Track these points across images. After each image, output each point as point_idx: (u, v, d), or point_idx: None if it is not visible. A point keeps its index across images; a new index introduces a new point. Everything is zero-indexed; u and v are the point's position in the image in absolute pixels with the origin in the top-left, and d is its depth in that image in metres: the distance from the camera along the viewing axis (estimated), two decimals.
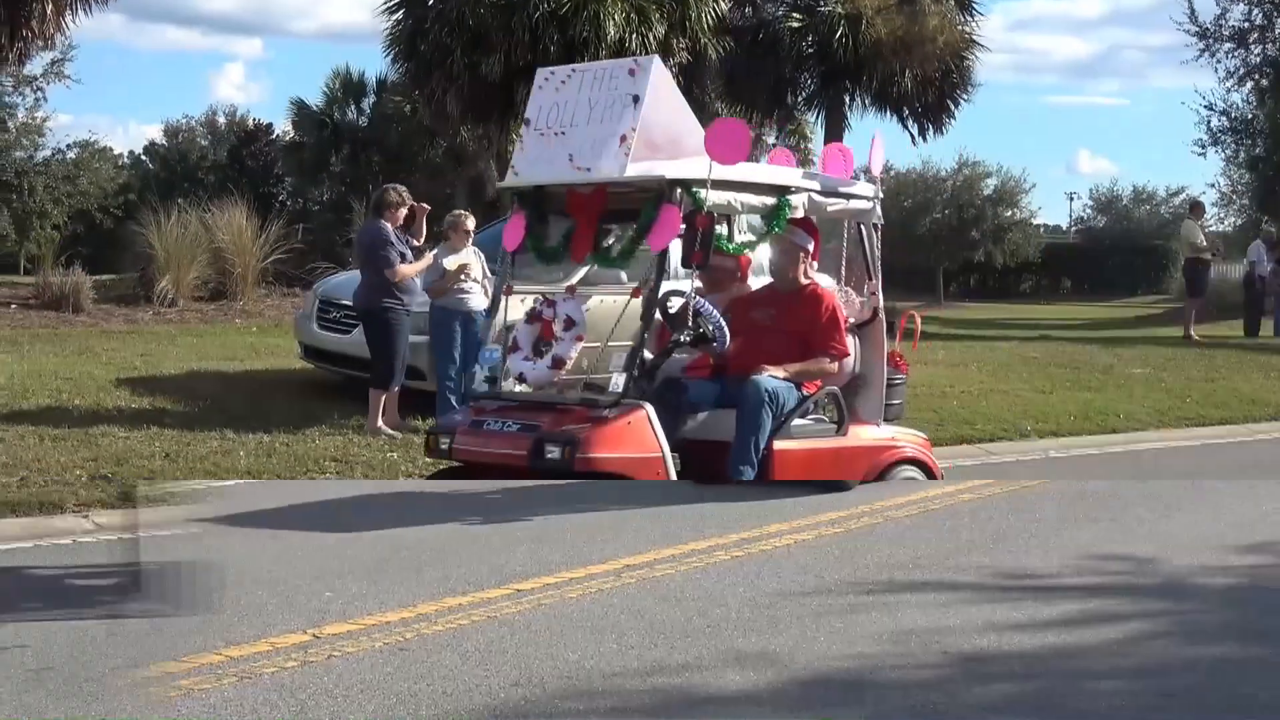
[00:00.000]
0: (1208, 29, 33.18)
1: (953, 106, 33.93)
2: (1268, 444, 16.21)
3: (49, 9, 23.42)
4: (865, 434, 9.49)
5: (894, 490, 10.95)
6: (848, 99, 33.65)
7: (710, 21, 27.84)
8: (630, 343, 8.69)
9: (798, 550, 9.36)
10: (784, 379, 8.97)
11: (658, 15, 26.64)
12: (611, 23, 25.67)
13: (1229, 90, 37.36)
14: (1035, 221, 77.38)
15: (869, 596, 8.10)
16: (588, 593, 8.22)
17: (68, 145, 55.40)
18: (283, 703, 6.25)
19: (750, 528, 9.99)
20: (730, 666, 6.74)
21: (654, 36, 26.44)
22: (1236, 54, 33.39)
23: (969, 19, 34.20)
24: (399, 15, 27.54)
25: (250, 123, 70.44)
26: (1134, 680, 6.57)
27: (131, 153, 75.53)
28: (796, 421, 9.09)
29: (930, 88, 32.88)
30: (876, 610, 7.76)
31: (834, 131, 33.70)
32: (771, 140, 43.96)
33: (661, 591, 8.23)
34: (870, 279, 9.69)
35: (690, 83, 28.37)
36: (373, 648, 7.10)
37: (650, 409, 8.39)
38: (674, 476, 8.43)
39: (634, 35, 26.02)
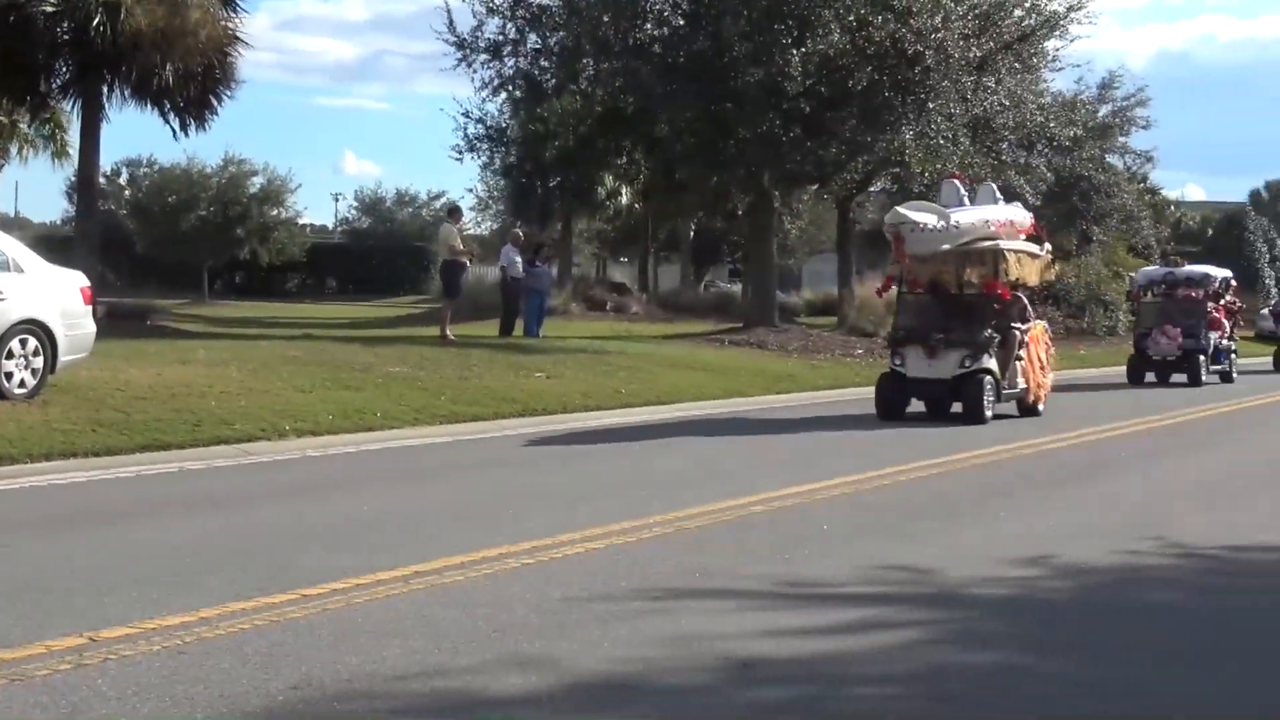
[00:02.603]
0: (465, 40, 34.50)
1: (216, 102, 33.60)
2: (514, 438, 17.17)
3: None
4: None
5: (687, 500, 11.59)
6: (106, 89, 32.53)
7: None
8: None
9: (587, 558, 9.38)
10: None
11: None
12: None
13: (484, 100, 39.07)
14: (301, 221, 78.00)
15: (655, 603, 8.19)
16: (375, 598, 8.05)
17: None
18: (54, 704, 6.10)
19: (543, 536, 9.93)
20: (513, 670, 6.79)
21: None
22: (492, 65, 34.88)
23: (232, 15, 33.97)
24: None
25: None
26: (907, 685, 6.89)
27: None
28: None
29: (193, 82, 32.38)
30: (661, 616, 7.89)
31: (91, 121, 32.51)
32: (26, 127, 41.85)
33: (449, 597, 8.14)
34: None
35: None
36: (150, 651, 6.87)
37: None
38: None
39: None
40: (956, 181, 22.27)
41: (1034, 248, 22.12)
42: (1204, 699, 6.71)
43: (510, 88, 36.19)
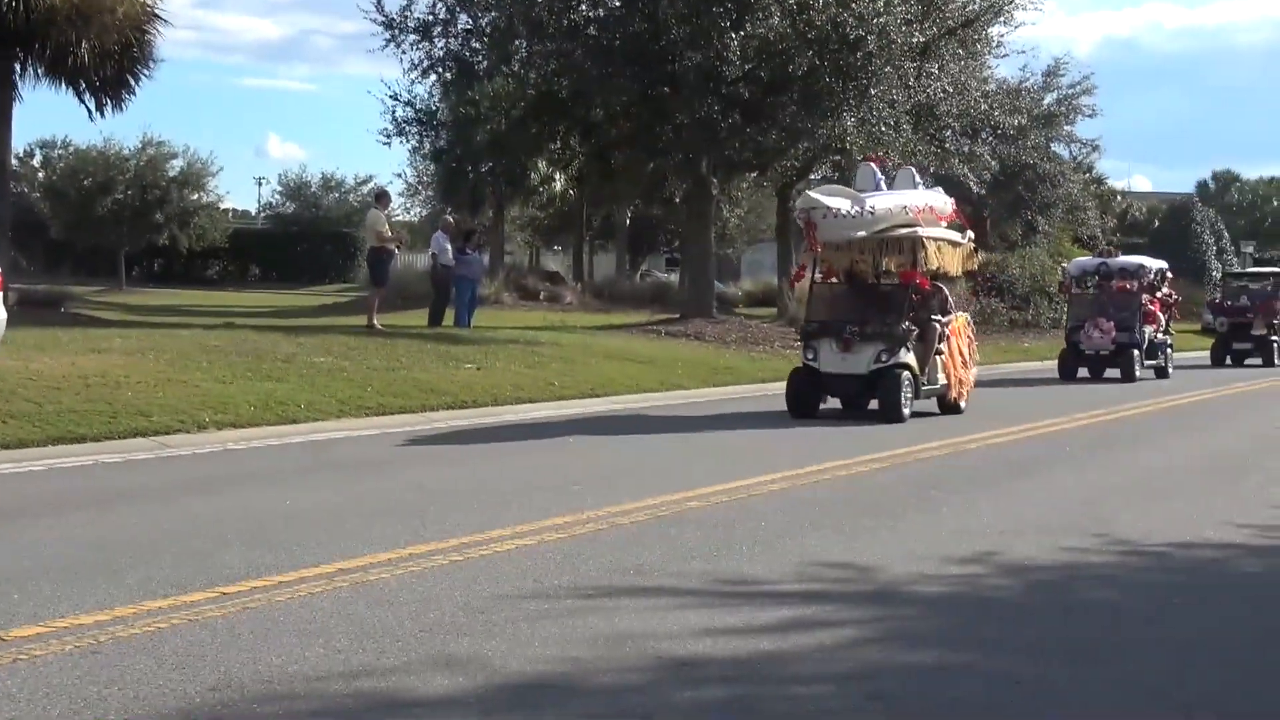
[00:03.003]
0: (394, 20, 34.34)
1: (133, 81, 33.36)
2: (443, 431, 17.12)
3: None
4: None
5: (621, 495, 11.69)
6: (19, 67, 32.21)
7: None
8: None
9: (518, 555, 9.37)
10: None
11: None
12: None
13: (414, 82, 38.94)
14: (223, 206, 77.52)
15: (588, 601, 8.20)
16: (297, 596, 8.03)
17: None
18: None
19: (472, 532, 9.94)
20: (439, 670, 6.79)
21: None
22: (421, 46, 34.75)
23: None
24: None
25: None
26: (843, 684, 6.93)
27: None
28: None
29: (109, 60, 32.12)
30: (594, 615, 7.90)
31: (3, 100, 32.15)
32: None
33: (375, 595, 8.13)
34: None
35: None
36: (63, 651, 6.84)
37: None
38: None
39: None
40: (873, 165, 21.51)
41: (955, 235, 21.50)
42: (1145, 697, 6.78)
43: (440, 69, 36.07)
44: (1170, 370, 32.24)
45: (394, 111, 43.66)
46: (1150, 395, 26.06)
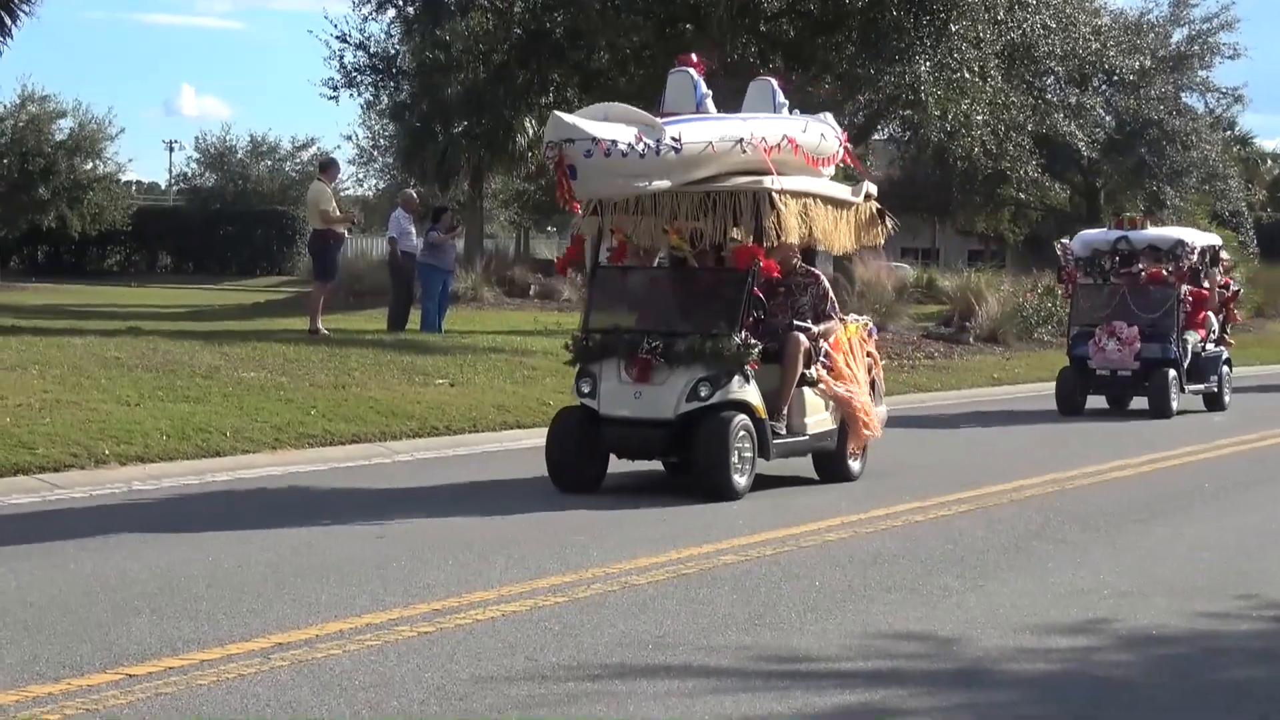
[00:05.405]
0: None
1: (9, 21, 33.50)
2: (406, 465, 17.14)
3: None
4: None
5: (636, 547, 11.62)
6: None
7: None
8: None
9: (505, 625, 9.40)
10: None
11: None
12: None
13: (366, 19, 39.00)
14: (125, 178, 77.63)
15: (594, 684, 8.23)
16: (223, 679, 8.07)
17: None
18: None
19: (446, 595, 9.98)
20: None
21: None
22: None
23: None
24: None
25: None
26: None
27: None
28: None
29: None
30: (602, 701, 7.92)
31: None
32: None
33: (322, 677, 8.17)
34: None
35: None
36: None
37: None
38: None
39: None
40: (691, 71, 16.19)
41: (839, 190, 16.86)
42: None
43: (401, 3, 36.14)
44: (1228, 397, 27.26)
45: (342, 57, 43.79)
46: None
